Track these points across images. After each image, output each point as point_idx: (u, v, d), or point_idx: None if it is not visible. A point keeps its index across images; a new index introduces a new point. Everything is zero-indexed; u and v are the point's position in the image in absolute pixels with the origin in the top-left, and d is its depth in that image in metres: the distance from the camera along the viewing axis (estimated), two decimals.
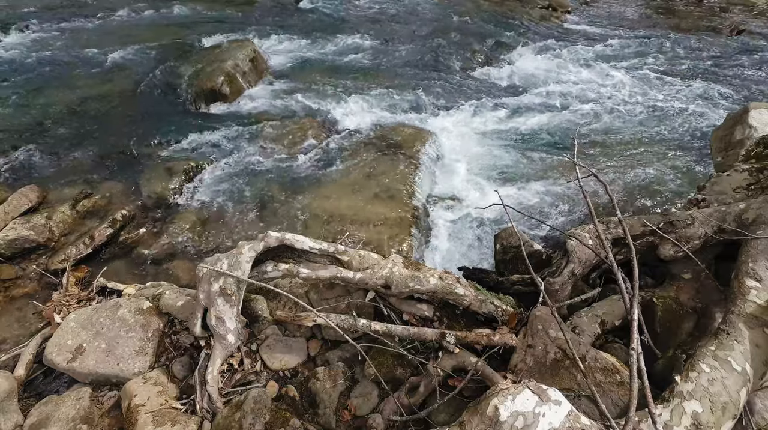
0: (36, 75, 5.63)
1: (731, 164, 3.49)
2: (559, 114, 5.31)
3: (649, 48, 7.36)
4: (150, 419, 1.84)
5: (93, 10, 7.79)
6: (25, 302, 2.88)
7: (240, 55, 5.76)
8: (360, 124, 4.86)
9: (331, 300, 2.32)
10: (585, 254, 2.22)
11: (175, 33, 7.00)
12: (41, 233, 3.32)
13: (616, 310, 2.12)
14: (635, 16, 9.36)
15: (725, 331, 1.68)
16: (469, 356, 1.94)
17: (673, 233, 2.24)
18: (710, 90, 5.82)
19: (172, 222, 3.58)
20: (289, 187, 3.94)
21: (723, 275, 2.18)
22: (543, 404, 1.37)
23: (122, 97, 5.26)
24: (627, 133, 4.89)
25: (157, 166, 4.11)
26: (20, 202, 3.50)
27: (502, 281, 2.36)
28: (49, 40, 6.64)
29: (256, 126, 4.74)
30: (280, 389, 2.06)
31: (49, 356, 2.15)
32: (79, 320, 2.26)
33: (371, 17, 8.51)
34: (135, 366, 2.11)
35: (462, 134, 4.90)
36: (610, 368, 1.77)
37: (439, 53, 6.82)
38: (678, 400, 1.51)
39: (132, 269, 3.21)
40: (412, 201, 3.72)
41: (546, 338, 1.86)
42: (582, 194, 2.21)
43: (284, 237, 2.17)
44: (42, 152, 4.22)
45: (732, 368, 1.57)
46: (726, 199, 2.67)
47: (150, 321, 2.26)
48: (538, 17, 8.85)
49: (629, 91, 5.85)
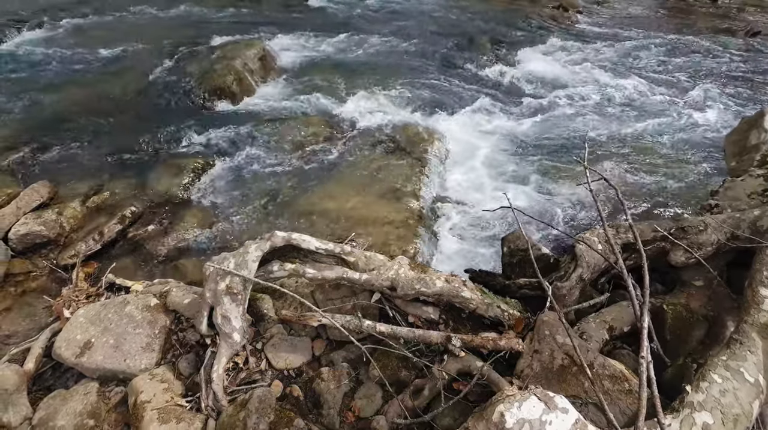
0: (48, 72, 5.71)
1: (746, 169, 3.43)
2: (569, 116, 5.25)
3: (662, 49, 7.25)
4: (156, 416, 1.86)
5: (105, 8, 7.88)
6: (36, 296, 2.92)
7: (249, 54, 5.78)
8: (368, 124, 4.86)
9: (336, 301, 2.32)
10: (594, 258, 2.20)
11: (186, 31, 7.06)
12: (52, 228, 3.36)
13: (625, 316, 2.09)
14: (648, 16, 9.23)
15: (738, 340, 1.65)
16: (474, 360, 1.93)
17: (685, 239, 2.20)
18: (724, 93, 5.71)
19: (180, 219, 3.60)
20: (296, 186, 3.95)
21: (736, 283, 2.14)
22: (550, 411, 1.35)
23: (132, 94, 5.31)
24: (638, 136, 4.82)
25: (165, 164, 4.14)
26: (32, 197, 3.55)
27: (509, 285, 2.34)
28: (62, 38, 6.73)
29: (264, 124, 4.75)
30: (285, 389, 2.06)
31: (58, 350, 2.18)
32: (88, 316, 2.29)
33: (380, 16, 8.49)
34: (142, 362, 2.13)
35: (470, 135, 4.87)
36: (618, 375, 1.74)
37: (448, 53, 6.79)
38: (688, 410, 1.48)
39: (140, 266, 3.24)
40: (419, 202, 3.71)
41: (553, 344, 1.84)
42: (592, 198, 2.18)
43: (291, 237, 2.17)
44: (53, 149, 4.28)
45: (744, 379, 1.54)
46: (740, 205, 2.62)
47: (157, 318, 2.27)
48: (549, 17, 8.76)
49: (640, 94, 5.77)
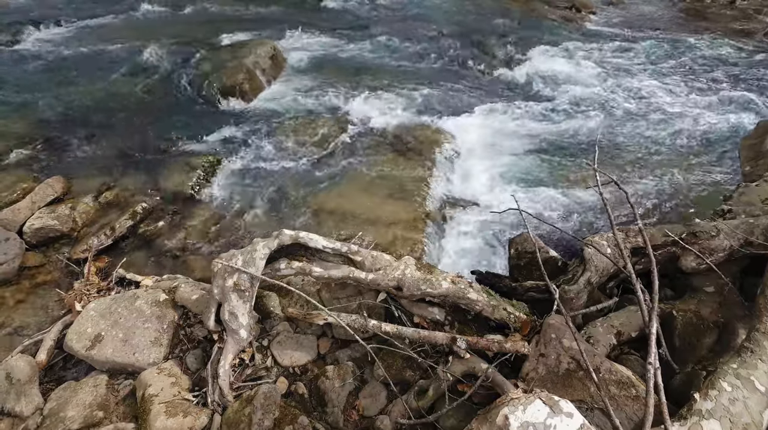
0: (63, 70, 5.81)
1: (761, 174, 3.37)
2: (579, 118, 5.20)
3: (676, 51, 7.13)
4: (163, 410, 1.88)
5: (120, 7, 8.00)
6: (49, 289, 2.98)
7: (260, 52, 5.82)
8: (377, 124, 4.86)
9: (342, 299, 2.33)
10: (602, 262, 2.18)
11: (197, 30, 7.13)
12: (65, 222, 3.43)
13: (634, 321, 2.07)
14: (662, 17, 9.08)
15: (749, 349, 1.62)
16: (479, 362, 1.92)
17: (696, 244, 2.17)
18: (740, 96, 5.60)
19: (189, 216, 3.65)
20: (304, 185, 3.97)
21: (748, 290, 2.10)
22: (554, 415, 1.34)
23: (144, 92, 5.39)
24: (650, 139, 4.75)
25: (176, 161, 4.20)
26: (46, 192, 3.62)
27: (516, 287, 2.33)
28: (76, 36, 6.84)
29: (274, 123, 4.79)
30: (290, 386, 2.08)
31: (69, 343, 2.22)
32: (99, 309, 2.33)
33: (392, 16, 8.49)
34: (150, 357, 2.16)
35: (479, 136, 4.84)
36: (625, 381, 1.72)
37: (460, 53, 6.76)
38: (696, 418, 1.46)
39: (150, 261, 3.29)
40: (427, 203, 3.70)
41: (559, 348, 1.83)
42: (601, 201, 2.16)
43: (298, 235, 2.19)
44: (67, 145, 4.36)
45: (755, 388, 1.51)
46: (754, 210, 2.58)
47: (166, 313, 2.31)
48: (561, 18, 8.67)
49: (653, 95, 5.68)
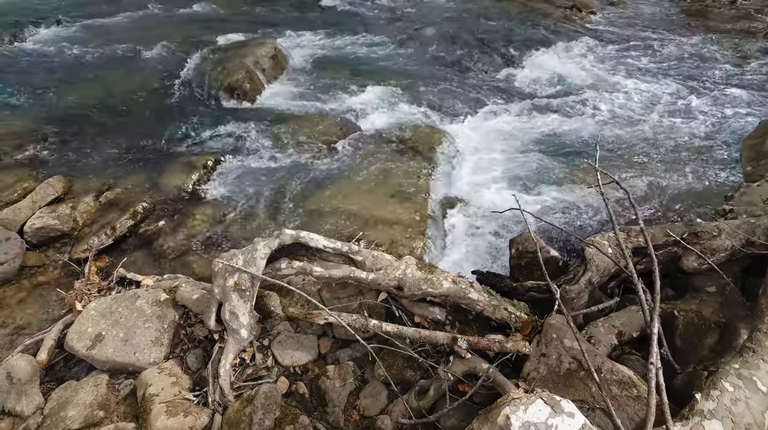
0: (64, 69, 5.81)
1: (762, 174, 3.36)
2: (580, 118, 5.19)
3: (677, 51, 7.12)
4: (163, 409, 1.88)
5: (120, 7, 8.00)
6: (49, 288, 2.98)
7: (261, 52, 5.82)
8: (378, 124, 4.86)
9: (343, 299, 2.33)
10: (603, 262, 2.17)
11: (198, 30, 7.13)
12: (66, 222, 3.43)
13: (635, 321, 2.06)
14: (663, 17, 9.06)
15: (751, 349, 1.62)
16: (480, 362, 1.92)
17: (698, 244, 2.16)
18: (742, 96, 5.59)
19: (190, 216, 3.64)
20: (305, 184, 3.97)
21: (750, 290, 2.10)
22: (556, 415, 1.34)
23: (145, 92, 5.39)
24: (651, 139, 4.75)
25: (177, 161, 4.19)
26: (47, 192, 3.62)
27: (517, 287, 2.32)
28: (78, 36, 6.84)
29: (275, 122, 4.78)
30: (291, 386, 2.08)
31: (70, 342, 2.22)
32: (99, 309, 2.33)
33: (393, 16, 8.48)
34: (151, 356, 2.16)
35: (480, 136, 4.84)
36: (626, 381, 1.72)
37: (460, 53, 6.76)
38: (698, 419, 1.45)
39: (150, 261, 3.28)
40: (427, 202, 3.70)
41: (560, 347, 1.82)
42: (603, 201, 2.16)
43: (299, 235, 2.19)
44: (68, 144, 4.36)
45: (757, 388, 1.51)
46: (756, 210, 2.57)
47: (166, 313, 2.31)
48: (562, 18, 8.66)
49: (654, 95, 5.68)
